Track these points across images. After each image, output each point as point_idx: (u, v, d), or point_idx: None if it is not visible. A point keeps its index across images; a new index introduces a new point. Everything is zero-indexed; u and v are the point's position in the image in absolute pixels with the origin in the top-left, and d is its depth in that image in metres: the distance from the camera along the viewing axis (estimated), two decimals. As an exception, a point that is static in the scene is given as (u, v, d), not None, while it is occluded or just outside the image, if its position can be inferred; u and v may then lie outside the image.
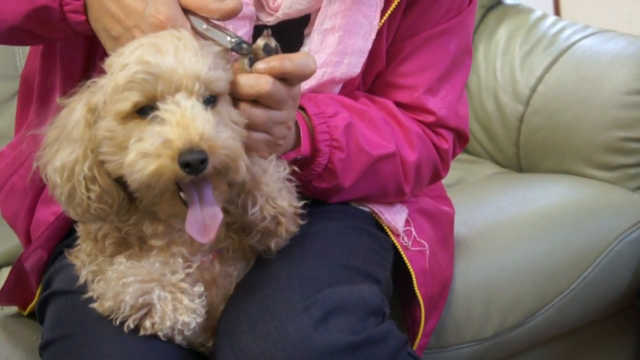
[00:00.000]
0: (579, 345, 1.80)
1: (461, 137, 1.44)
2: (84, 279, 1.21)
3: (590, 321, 1.77)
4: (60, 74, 1.35)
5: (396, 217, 1.39)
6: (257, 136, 1.15)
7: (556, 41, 1.98)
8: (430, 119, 1.39)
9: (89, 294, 1.19)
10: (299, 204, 1.19)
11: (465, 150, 2.10)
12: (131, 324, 1.14)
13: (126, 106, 1.08)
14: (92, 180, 1.12)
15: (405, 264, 1.38)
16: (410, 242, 1.39)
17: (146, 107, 1.08)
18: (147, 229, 1.17)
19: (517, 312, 1.63)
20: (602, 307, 1.76)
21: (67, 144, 1.13)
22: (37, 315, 1.36)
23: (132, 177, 1.07)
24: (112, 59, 1.11)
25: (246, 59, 1.13)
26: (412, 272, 1.38)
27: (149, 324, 1.14)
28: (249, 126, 1.14)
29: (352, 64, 1.32)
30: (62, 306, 1.25)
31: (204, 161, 1.04)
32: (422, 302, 1.39)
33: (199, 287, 1.16)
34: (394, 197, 1.39)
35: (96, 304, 1.17)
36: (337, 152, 1.27)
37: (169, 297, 1.14)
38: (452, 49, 1.38)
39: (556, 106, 1.90)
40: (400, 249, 1.38)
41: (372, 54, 1.34)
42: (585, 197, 1.80)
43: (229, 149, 1.07)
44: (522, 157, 1.98)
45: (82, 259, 1.22)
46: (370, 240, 1.33)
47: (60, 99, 1.16)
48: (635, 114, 1.82)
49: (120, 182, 1.12)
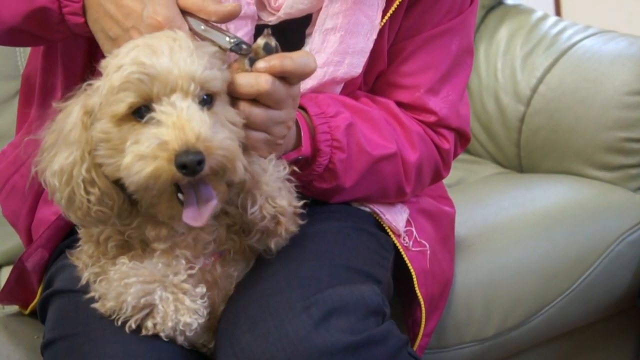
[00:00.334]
0: (579, 345, 1.80)
1: (462, 137, 1.44)
2: (85, 281, 1.21)
3: (591, 321, 1.77)
4: (61, 73, 1.35)
5: (397, 217, 1.39)
6: (257, 135, 1.15)
7: (557, 41, 1.98)
8: (431, 118, 1.39)
9: (90, 294, 1.19)
10: (298, 203, 1.19)
11: (466, 150, 2.09)
12: (133, 324, 1.14)
13: (122, 108, 1.08)
14: (91, 183, 1.12)
15: (405, 264, 1.38)
16: (411, 243, 1.39)
17: (142, 109, 1.08)
18: (150, 232, 1.17)
19: (518, 312, 1.63)
20: (603, 308, 1.75)
21: (64, 147, 1.13)
22: (38, 314, 1.36)
23: (130, 179, 1.07)
24: (107, 61, 1.11)
25: (246, 59, 1.13)
26: (413, 272, 1.38)
27: (150, 324, 1.14)
28: (249, 125, 1.14)
29: (354, 64, 1.32)
30: (63, 305, 1.25)
31: (200, 162, 1.04)
32: (422, 302, 1.39)
33: (201, 288, 1.17)
34: (395, 197, 1.39)
35: (98, 304, 1.17)
36: (338, 152, 1.27)
37: (171, 297, 1.14)
38: (454, 49, 1.38)
39: (557, 106, 1.90)
40: (401, 249, 1.38)
41: (373, 54, 1.34)
42: (586, 198, 1.80)
43: (225, 149, 1.06)
44: (523, 158, 1.98)
45: (84, 261, 1.22)
46: (370, 240, 1.33)
47: (56, 103, 1.15)
48: (636, 114, 1.82)
49: (119, 184, 1.11)
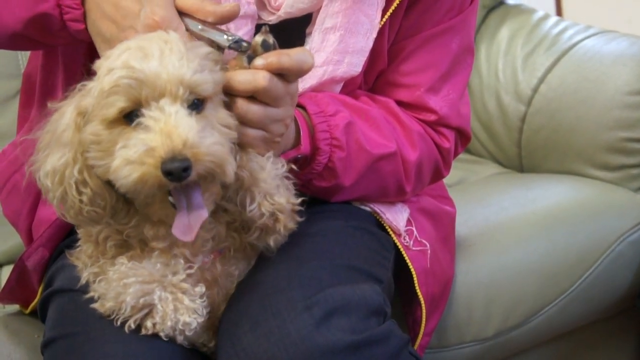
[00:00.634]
0: (579, 345, 1.80)
1: (463, 136, 1.44)
2: (85, 281, 1.21)
3: (591, 322, 1.77)
4: (62, 73, 1.35)
5: (397, 216, 1.39)
6: (254, 133, 1.15)
7: (558, 41, 1.98)
8: (431, 117, 1.39)
9: (90, 294, 1.19)
10: (296, 200, 1.19)
11: (466, 150, 2.09)
12: (132, 324, 1.14)
13: (112, 112, 1.08)
14: (83, 183, 1.12)
15: (406, 264, 1.38)
16: (411, 242, 1.39)
17: (132, 113, 1.08)
18: (149, 231, 1.17)
19: (518, 312, 1.63)
20: (603, 308, 1.75)
21: (57, 147, 1.13)
22: (39, 313, 1.36)
23: (119, 183, 1.07)
24: (100, 62, 1.11)
25: (244, 56, 1.13)
26: (413, 272, 1.38)
27: (150, 324, 1.14)
28: (246, 123, 1.14)
29: (353, 63, 1.32)
30: (64, 304, 1.25)
31: (186, 169, 1.04)
32: (423, 301, 1.39)
33: (200, 288, 1.17)
34: (395, 196, 1.39)
35: (97, 304, 1.17)
36: (337, 151, 1.27)
37: (170, 297, 1.14)
38: (454, 48, 1.38)
39: (558, 106, 1.90)
40: (401, 249, 1.38)
41: (373, 53, 1.34)
42: (587, 198, 1.80)
43: (213, 155, 1.06)
44: (524, 157, 1.98)
45: (83, 261, 1.22)
46: (371, 239, 1.33)
47: (51, 103, 1.15)
48: (637, 114, 1.82)
49: (111, 184, 1.11)
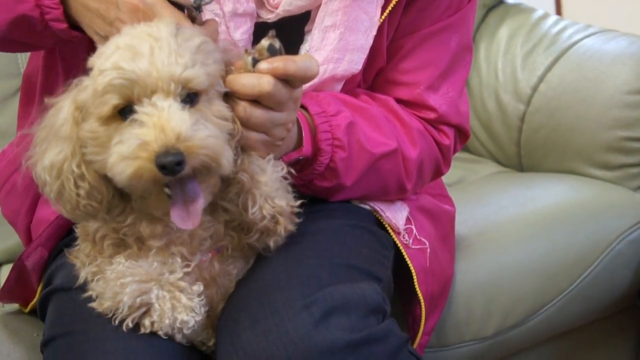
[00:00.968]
0: (579, 344, 1.80)
1: (462, 134, 1.45)
2: (83, 279, 1.21)
3: (591, 321, 1.77)
4: (62, 73, 1.35)
5: (397, 215, 1.39)
6: (256, 136, 1.15)
7: (557, 40, 1.98)
8: (431, 115, 1.39)
9: (88, 293, 1.19)
10: (295, 203, 1.19)
11: (466, 149, 2.10)
12: (130, 323, 1.14)
13: (106, 110, 1.09)
14: (81, 177, 1.13)
15: (405, 262, 1.38)
16: (410, 240, 1.39)
17: (126, 109, 1.08)
18: (145, 230, 1.17)
19: (518, 311, 1.63)
20: (603, 307, 1.75)
21: (55, 142, 1.13)
22: (38, 312, 1.36)
23: (115, 178, 1.08)
24: (93, 60, 1.12)
25: (250, 58, 1.13)
26: (413, 270, 1.38)
27: (148, 322, 1.14)
28: (249, 126, 1.14)
29: (353, 61, 1.32)
30: (63, 303, 1.25)
31: (180, 163, 1.05)
32: (422, 300, 1.39)
33: (198, 286, 1.17)
34: (396, 194, 1.39)
35: (95, 304, 1.17)
36: (339, 151, 1.27)
37: (168, 296, 1.14)
38: (453, 46, 1.38)
39: (557, 105, 1.90)
40: (400, 247, 1.38)
41: (372, 51, 1.34)
42: (586, 197, 1.80)
43: (207, 147, 1.07)
44: (523, 157, 1.98)
45: (81, 260, 1.23)
46: (370, 238, 1.33)
47: (48, 99, 1.16)
48: (636, 113, 1.82)
49: (108, 178, 1.12)
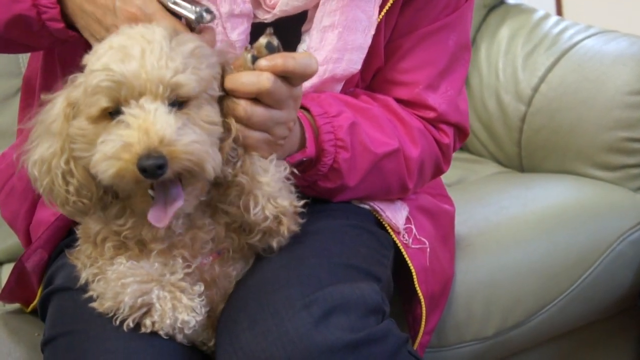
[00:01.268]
0: (580, 345, 1.80)
1: (461, 132, 1.45)
2: (84, 281, 1.21)
3: (591, 321, 1.77)
4: (61, 75, 1.35)
5: (397, 214, 1.39)
6: (258, 135, 1.15)
7: (558, 41, 1.98)
8: (431, 114, 1.39)
9: (89, 293, 1.19)
10: (299, 203, 1.19)
11: (466, 149, 2.10)
12: (131, 323, 1.14)
13: (95, 111, 1.09)
14: (70, 173, 1.14)
15: (405, 262, 1.38)
16: (410, 240, 1.39)
17: (114, 111, 1.09)
18: (147, 233, 1.17)
19: (518, 311, 1.63)
20: (604, 307, 1.75)
21: (46, 137, 1.14)
22: (39, 312, 1.37)
23: (99, 176, 1.09)
24: (87, 57, 1.12)
25: (249, 55, 1.13)
26: (413, 270, 1.38)
27: (149, 322, 1.14)
28: (250, 125, 1.14)
29: (353, 60, 1.32)
30: (64, 303, 1.26)
31: (161, 167, 1.05)
32: (422, 299, 1.39)
33: (199, 287, 1.17)
34: (398, 193, 1.39)
35: (96, 304, 1.17)
36: (342, 151, 1.27)
37: (169, 296, 1.14)
38: (451, 45, 1.38)
39: (558, 106, 1.90)
40: (400, 247, 1.38)
41: (370, 50, 1.34)
42: (587, 197, 1.79)
43: (191, 153, 1.07)
44: (524, 157, 1.98)
45: (82, 261, 1.23)
46: (370, 238, 1.33)
47: (44, 95, 1.16)
48: (637, 114, 1.82)
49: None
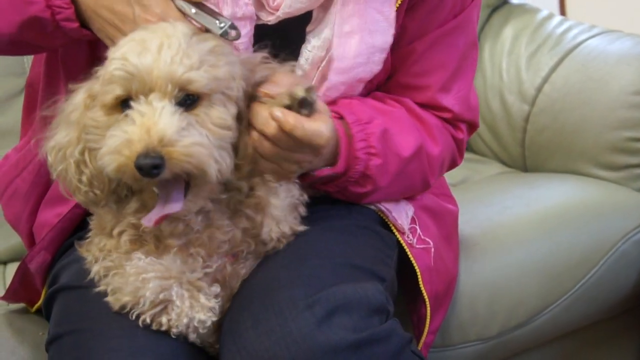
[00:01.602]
0: (584, 344, 1.80)
1: (472, 126, 1.47)
2: (95, 274, 1.21)
3: (595, 321, 1.77)
4: (64, 79, 1.35)
5: (402, 215, 1.40)
6: (266, 164, 1.18)
7: (562, 41, 1.98)
8: (447, 115, 1.41)
9: (101, 287, 1.19)
10: (299, 227, 1.24)
11: (470, 149, 2.10)
12: (148, 318, 1.15)
13: (109, 99, 1.10)
14: (84, 163, 1.14)
15: (410, 262, 1.38)
16: (414, 240, 1.39)
17: (127, 102, 1.10)
18: (166, 228, 1.17)
19: (522, 311, 1.63)
20: (608, 307, 1.75)
21: (64, 126, 1.16)
22: (43, 312, 1.37)
23: (103, 169, 1.10)
24: (110, 50, 1.14)
25: (285, 98, 1.13)
26: (418, 270, 1.38)
27: (165, 320, 1.15)
28: (258, 153, 1.16)
29: (375, 62, 1.33)
30: (69, 301, 1.26)
31: (157, 167, 1.06)
32: (427, 299, 1.39)
33: (216, 287, 1.18)
34: (420, 190, 1.42)
35: (111, 299, 1.17)
36: (374, 158, 1.28)
37: (187, 294, 1.15)
38: (461, 46, 1.40)
39: (562, 106, 1.90)
40: (405, 247, 1.38)
41: None
42: (590, 197, 1.79)
43: (190, 155, 1.07)
44: (528, 157, 1.98)
45: (93, 253, 1.23)
46: (374, 238, 1.33)
47: (71, 84, 1.18)
48: (641, 114, 1.82)
49: None
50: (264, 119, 1.13)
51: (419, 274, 1.38)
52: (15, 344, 1.39)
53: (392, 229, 1.38)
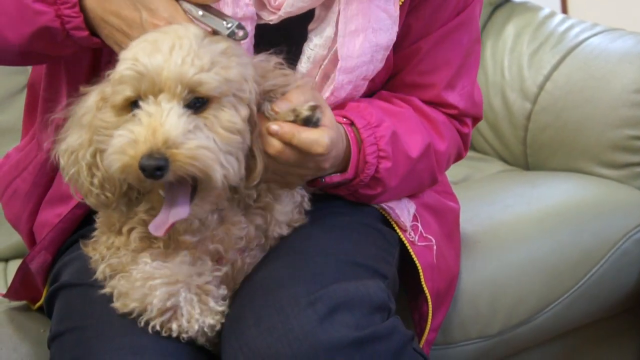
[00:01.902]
0: (584, 343, 1.80)
1: (476, 120, 1.48)
2: (101, 273, 1.21)
3: (596, 319, 1.77)
4: (65, 79, 1.35)
5: (404, 212, 1.40)
6: (271, 175, 1.18)
7: (564, 39, 1.98)
8: (453, 112, 1.42)
9: (106, 290, 1.19)
10: (302, 222, 1.27)
11: (472, 147, 2.10)
12: (157, 325, 1.14)
13: (119, 100, 1.10)
14: (96, 166, 1.14)
15: (411, 259, 1.38)
16: (416, 238, 1.39)
17: (137, 102, 1.09)
18: (181, 224, 1.17)
19: (523, 309, 1.63)
20: (609, 305, 1.75)
21: (76, 128, 1.15)
22: (45, 310, 1.37)
23: (108, 169, 1.10)
24: (122, 51, 1.13)
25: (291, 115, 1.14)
26: (419, 267, 1.38)
27: (175, 326, 1.15)
28: (265, 163, 1.16)
29: (378, 59, 1.33)
30: (71, 299, 1.26)
31: (160, 168, 1.05)
32: (429, 296, 1.39)
33: (223, 290, 1.18)
34: (429, 186, 1.44)
35: (118, 304, 1.17)
36: (383, 161, 1.29)
37: (195, 299, 1.15)
38: (465, 42, 1.40)
39: (564, 104, 1.90)
40: (407, 244, 1.38)
41: None
42: (592, 195, 1.79)
43: (195, 158, 1.06)
44: (530, 155, 1.98)
45: (100, 252, 1.22)
46: (376, 235, 1.34)
47: (83, 87, 1.17)
48: (643, 112, 1.82)
49: None
50: (264, 137, 1.14)
51: (420, 271, 1.38)
52: (17, 341, 1.39)
53: (394, 226, 1.39)
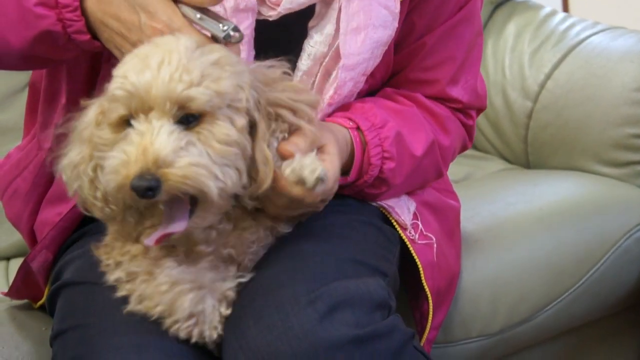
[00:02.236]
0: (586, 341, 1.80)
1: (480, 111, 1.49)
2: (116, 280, 1.19)
3: (597, 317, 1.77)
4: (65, 79, 1.35)
5: (404, 210, 1.40)
6: (273, 210, 1.20)
7: (565, 37, 1.98)
8: (457, 106, 1.42)
9: (122, 292, 1.18)
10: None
11: (473, 146, 2.10)
12: (182, 333, 1.14)
13: (114, 118, 1.09)
14: (98, 180, 1.13)
15: (412, 257, 1.38)
16: (417, 236, 1.40)
17: (129, 121, 1.09)
18: (200, 235, 1.17)
19: (524, 307, 1.63)
20: (610, 304, 1.75)
21: (77, 143, 1.15)
22: (47, 308, 1.37)
23: (106, 188, 1.09)
24: (116, 67, 1.12)
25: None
26: (420, 265, 1.38)
27: (196, 331, 1.15)
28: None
29: (377, 55, 1.33)
30: (73, 297, 1.26)
31: (152, 189, 1.04)
32: (430, 295, 1.39)
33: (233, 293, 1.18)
34: (433, 180, 1.45)
35: (140, 306, 1.16)
36: (388, 162, 1.30)
37: (217, 305, 1.15)
38: (467, 36, 1.41)
39: (565, 103, 1.90)
40: (407, 242, 1.38)
41: None
42: (593, 194, 1.79)
43: (186, 176, 1.05)
44: (530, 154, 1.98)
45: (114, 257, 1.21)
46: (376, 233, 1.33)
47: (84, 101, 1.17)
48: (644, 111, 1.82)
49: None
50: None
51: (421, 269, 1.38)
52: (19, 339, 1.39)
53: (394, 224, 1.39)
